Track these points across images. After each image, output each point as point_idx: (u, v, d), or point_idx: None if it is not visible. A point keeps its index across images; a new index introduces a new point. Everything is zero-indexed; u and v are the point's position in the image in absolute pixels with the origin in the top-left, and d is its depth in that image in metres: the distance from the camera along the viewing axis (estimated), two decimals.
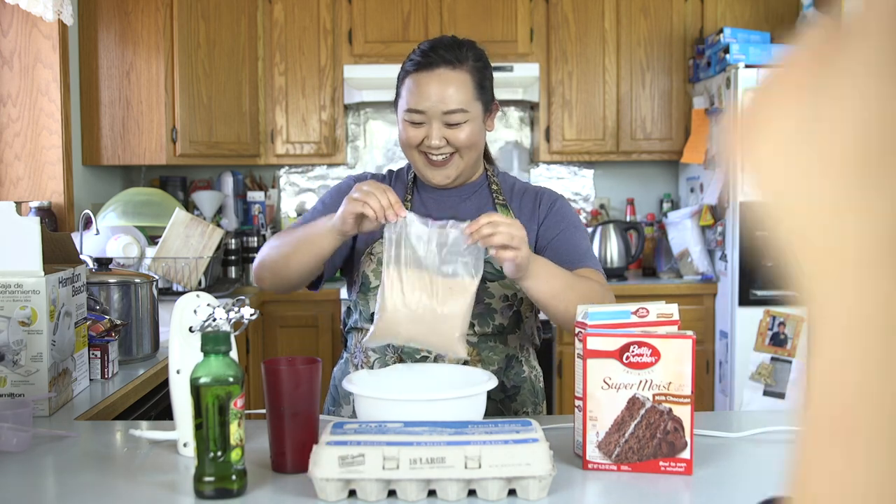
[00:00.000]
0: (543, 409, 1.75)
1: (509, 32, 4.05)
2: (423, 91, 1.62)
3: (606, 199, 4.50)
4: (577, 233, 1.70)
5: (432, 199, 1.74)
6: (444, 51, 1.63)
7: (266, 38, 4.02)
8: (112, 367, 1.97)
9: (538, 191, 1.76)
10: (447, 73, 1.62)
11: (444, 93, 1.61)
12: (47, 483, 1.24)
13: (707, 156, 3.96)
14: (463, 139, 1.63)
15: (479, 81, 1.66)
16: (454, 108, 1.61)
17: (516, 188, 1.77)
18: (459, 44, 1.66)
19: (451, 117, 1.62)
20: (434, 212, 1.71)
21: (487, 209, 1.71)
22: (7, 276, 1.57)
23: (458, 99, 1.61)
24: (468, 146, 1.64)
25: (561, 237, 1.68)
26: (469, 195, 1.74)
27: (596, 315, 1.26)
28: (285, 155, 4.08)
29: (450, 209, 1.72)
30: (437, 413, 1.28)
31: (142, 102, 3.60)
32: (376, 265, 1.66)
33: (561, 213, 1.71)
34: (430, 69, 1.62)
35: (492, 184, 1.76)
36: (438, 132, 1.62)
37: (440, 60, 1.62)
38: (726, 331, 3.77)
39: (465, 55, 1.64)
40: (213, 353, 1.14)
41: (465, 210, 1.71)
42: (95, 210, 3.20)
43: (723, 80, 3.73)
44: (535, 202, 1.73)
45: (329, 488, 1.09)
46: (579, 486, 1.18)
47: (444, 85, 1.61)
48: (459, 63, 1.63)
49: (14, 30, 3.23)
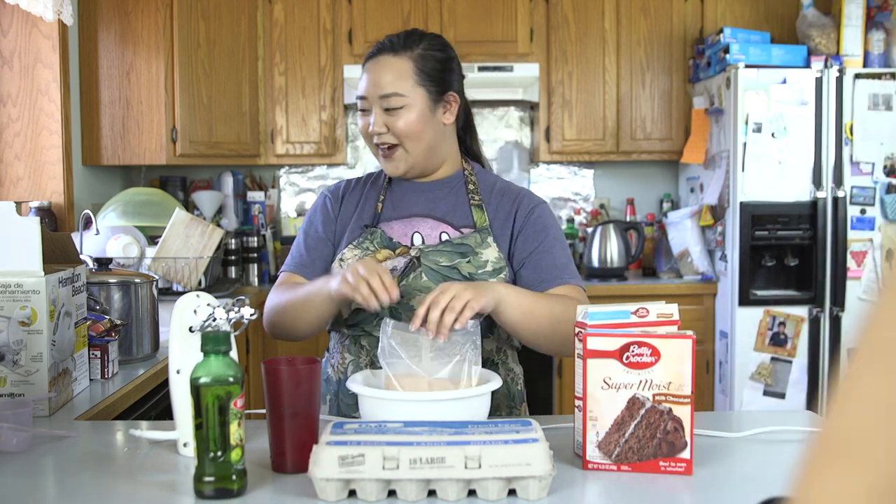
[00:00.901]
0: (522, 410, 1.72)
1: (509, 32, 4.04)
2: (366, 77, 1.65)
3: (606, 199, 4.50)
4: (556, 245, 1.66)
5: (406, 196, 1.72)
6: (394, 39, 1.65)
7: (266, 38, 4.02)
8: (112, 367, 1.97)
9: (518, 193, 1.72)
10: (387, 59, 1.63)
11: (382, 77, 1.62)
12: (47, 483, 1.24)
13: (707, 156, 3.97)
14: (401, 126, 1.62)
15: (424, 69, 1.63)
16: (388, 93, 1.61)
17: (497, 188, 1.73)
18: (413, 34, 1.67)
19: (388, 101, 1.62)
20: (407, 209, 1.70)
21: (462, 208, 1.69)
22: (7, 276, 1.57)
23: (394, 84, 1.61)
24: (407, 135, 1.63)
25: (540, 251, 1.65)
26: (444, 194, 1.71)
27: (596, 315, 1.26)
28: (285, 155, 4.08)
29: (423, 207, 1.70)
30: (439, 413, 1.28)
31: (142, 102, 3.60)
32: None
33: (540, 222, 1.68)
34: (375, 57, 1.65)
35: (469, 182, 1.73)
36: (378, 117, 1.63)
37: (385, 48, 1.64)
38: (726, 331, 3.77)
39: (414, 43, 1.64)
40: (213, 353, 1.14)
41: (439, 209, 1.69)
42: (95, 210, 3.20)
43: (723, 80, 3.73)
44: (514, 205, 1.69)
45: (329, 488, 1.09)
46: (579, 486, 1.18)
47: (383, 69, 1.63)
48: (403, 49, 1.64)
49: (14, 30, 3.23)
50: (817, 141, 3.64)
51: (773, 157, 3.64)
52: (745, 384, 3.68)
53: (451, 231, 1.66)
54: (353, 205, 1.74)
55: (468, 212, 1.69)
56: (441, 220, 1.68)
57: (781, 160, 3.64)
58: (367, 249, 1.65)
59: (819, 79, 3.64)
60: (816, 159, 3.65)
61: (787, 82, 3.63)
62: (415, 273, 1.61)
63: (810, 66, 3.67)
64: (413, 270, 1.61)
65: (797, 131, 3.63)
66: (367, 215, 1.71)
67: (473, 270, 1.61)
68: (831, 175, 3.65)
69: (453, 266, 1.61)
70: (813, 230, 3.67)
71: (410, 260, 1.62)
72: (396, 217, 1.70)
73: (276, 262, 4.11)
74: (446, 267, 1.61)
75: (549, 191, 4.50)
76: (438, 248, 1.63)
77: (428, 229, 1.67)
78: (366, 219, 1.71)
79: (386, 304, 1.44)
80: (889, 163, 3.67)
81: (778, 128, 3.63)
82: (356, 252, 1.65)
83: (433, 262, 1.61)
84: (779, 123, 3.62)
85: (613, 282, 3.95)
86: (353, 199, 1.75)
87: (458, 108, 1.71)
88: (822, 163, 3.65)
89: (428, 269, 1.61)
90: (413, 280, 1.60)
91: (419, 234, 1.67)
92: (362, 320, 1.63)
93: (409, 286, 1.60)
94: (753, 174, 3.64)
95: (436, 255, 1.62)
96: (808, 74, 3.64)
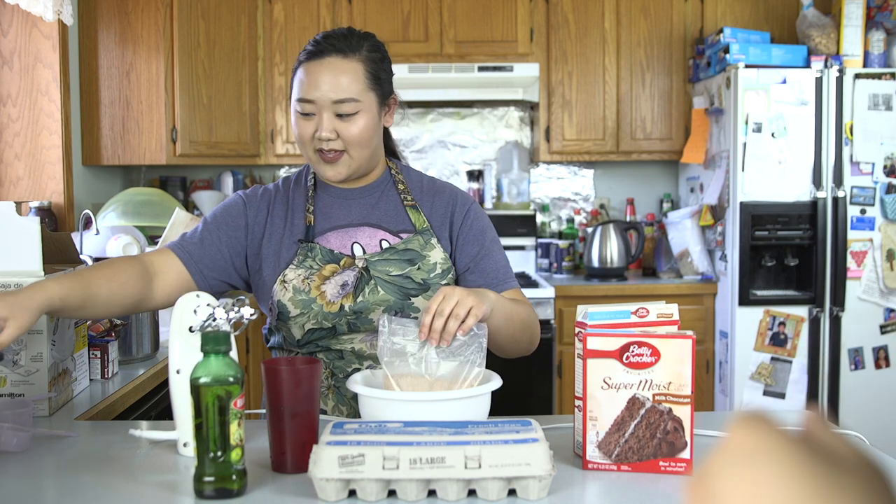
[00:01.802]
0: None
1: (509, 32, 4.05)
2: (313, 80, 1.55)
3: (606, 199, 4.50)
4: (494, 248, 1.67)
5: (338, 203, 1.67)
6: (335, 40, 1.57)
7: (266, 38, 4.02)
8: (112, 367, 1.97)
9: (451, 192, 1.70)
10: (338, 62, 1.56)
11: (334, 81, 1.55)
12: (47, 483, 1.24)
13: (707, 156, 3.97)
14: (355, 133, 1.57)
15: (373, 72, 1.59)
16: (344, 98, 1.55)
17: (425, 185, 1.71)
18: (353, 34, 1.60)
19: (341, 107, 1.55)
20: (341, 219, 1.65)
21: (397, 211, 1.66)
22: (7, 276, 1.57)
23: (348, 88, 1.55)
24: (359, 142, 1.58)
25: (482, 255, 1.65)
26: (376, 199, 1.67)
27: (596, 315, 1.26)
28: (285, 155, 4.08)
29: (357, 215, 1.66)
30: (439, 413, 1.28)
31: (142, 102, 3.60)
32: (293, 293, 1.58)
33: (478, 225, 1.67)
34: (320, 57, 1.56)
35: (398, 182, 1.69)
36: (329, 123, 1.56)
37: (331, 49, 1.56)
38: (726, 331, 3.77)
39: (359, 45, 1.58)
40: (213, 353, 1.14)
41: (374, 216, 1.65)
42: (95, 210, 3.20)
43: (723, 80, 3.73)
44: (448, 205, 1.67)
45: (329, 488, 1.09)
46: (579, 486, 1.18)
47: (334, 73, 1.55)
48: (351, 52, 1.57)
49: (14, 30, 3.23)
50: (817, 141, 3.64)
51: (773, 157, 3.64)
52: (745, 384, 3.68)
53: (389, 238, 1.63)
54: (281, 217, 1.66)
55: (404, 214, 1.66)
56: (378, 226, 1.64)
57: (781, 160, 3.64)
58: (311, 268, 1.59)
59: (819, 79, 3.64)
60: (816, 159, 3.65)
61: (787, 82, 3.63)
62: (369, 287, 1.57)
63: (810, 66, 3.68)
64: (366, 283, 1.57)
65: (797, 131, 3.63)
66: (297, 229, 1.64)
67: (426, 276, 1.59)
68: (831, 175, 3.65)
69: (405, 275, 1.59)
70: (813, 230, 3.67)
71: (359, 272, 1.58)
72: (330, 228, 1.64)
73: None
74: (398, 276, 1.58)
75: (549, 191, 4.50)
76: (384, 256, 1.60)
77: (366, 238, 1.63)
78: (297, 233, 1.64)
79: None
80: (889, 163, 3.67)
81: (778, 128, 3.63)
82: (300, 272, 1.59)
83: (383, 273, 1.58)
84: (779, 123, 3.63)
85: (613, 282, 3.95)
86: (280, 211, 1.67)
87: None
88: (822, 163, 3.65)
89: (381, 280, 1.58)
90: (370, 294, 1.57)
91: (359, 245, 1.62)
92: (318, 338, 1.60)
93: (367, 301, 1.56)
94: (753, 174, 3.64)
95: (383, 264, 1.59)
96: (808, 74, 3.64)
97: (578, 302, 3.67)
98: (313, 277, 1.58)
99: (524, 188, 4.46)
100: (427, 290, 1.59)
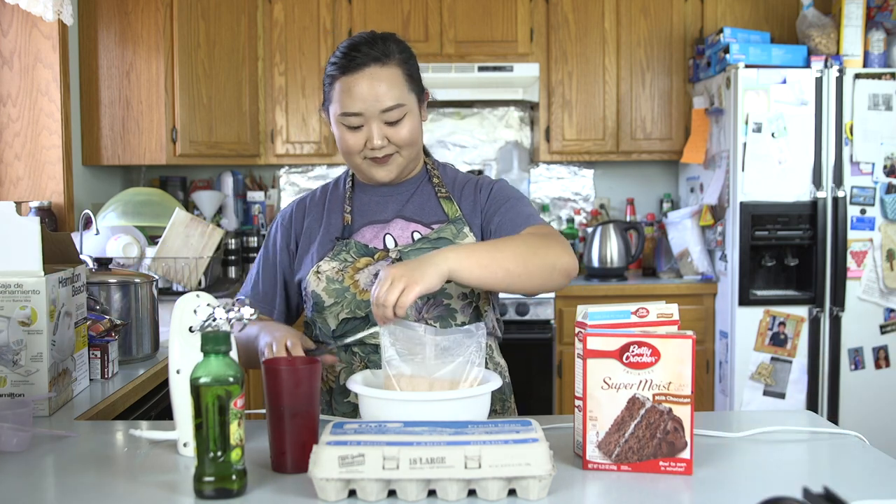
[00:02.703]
0: (512, 403, 1.72)
1: (509, 32, 4.05)
2: (356, 92, 1.57)
3: (606, 199, 4.50)
4: (518, 203, 1.67)
5: (374, 201, 1.71)
6: (367, 47, 1.58)
7: (266, 38, 4.03)
8: (112, 367, 1.97)
9: (477, 181, 1.74)
10: (377, 71, 1.57)
11: (378, 90, 1.57)
12: (47, 483, 1.24)
13: (707, 156, 3.97)
14: (405, 135, 1.60)
15: (409, 73, 1.61)
16: (391, 105, 1.57)
17: (458, 180, 1.74)
18: (379, 38, 1.61)
19: (389, 115, 1.58)
20: (376, 214, 1.69)
21: (431, 204, 1.69)
22: (7, 276, 1.57)
23: (392, 94, 1.57)
24: (409, 142, 1.62)
25: (503, 211, 1.65)
26: (411, 193, 1.71)
27: (596, 315, 1.26)
28: (285, 155, 4.08)
29: (394, 210, 1.69)
30: (439, 413, 1.28)
31: (142, 102, 3.60)
32: (326, 283, 1.63)
33: (500, 192, 1.69)
34: (358, 70, 1.57)
35: (433, 177, 1.73)
36: (379, 132, 1.59)
37: (366, 58, 1.57)
38: (726, 331, 3.77)
39: (390, 48, 1.60)
40: (213, 353, 1.14)
41: (408, 210, 1.69)
42: (95, 210, 3.20)
43: (723, 80, 3.73)
44: (476, 191, 1.71)
45: (329, 488, 1.09)
46: (579, 486, 1.18)
47: (376, 83, 1.57)
48: (386, 58, 1.58)
49: (14, 30, 3.23)
50: (817, 141, 3.64)
51: (773, 157, 3.64)
52: (745, 384, 3.68)
53: (421, 229, 1.66)
54: (318, 220, 1.72)
55: (437, 206, 1.68)
56: (411, 219, 1.67)
57: (781, 160, 3.64)
58: (345, 261, 1.63)
59: (819, 79, 3.64)
60: (816, 159, 3.65)
61: (787, 82, 3.63)
62: None
63: (810, 66, 3.68)
64: None
65: (797, 131, 3.63)
66: (334, 228, 1.69)
67: None
68: (831, 175, 3.65)
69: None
70: (813, 230, 3.67)
71: (392, 263, 1.60)
72: (365, 224, 1.68)
73: None
74: None
75: (549, 191, 4.50)
76: (416, 246, 1.63)
77: (398, 230, 1.66)
78: (334, 232, 1.68)
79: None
80: (889, 163, 3.67)
81: (778, 128, 3.63)
82: (333, 264, 1.64)
83: None
84: (779, 123, 3.63)
85: (613, 282, 3.95)
86: (316, 215, 1.73)
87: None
88: (822, 163, 3.65)
89: None
90: None
91: (390, 237, 1.66)
92: (350, 330, 1.62)
93: None
94: (753, 174, 3.64)
95: (416, 253, 1.60)
96: (808, 74, 3.64)
97: (578, 302, 3.66)
98: (347, 269, 1.63)
99: (524, 188, 4.46)
100: None
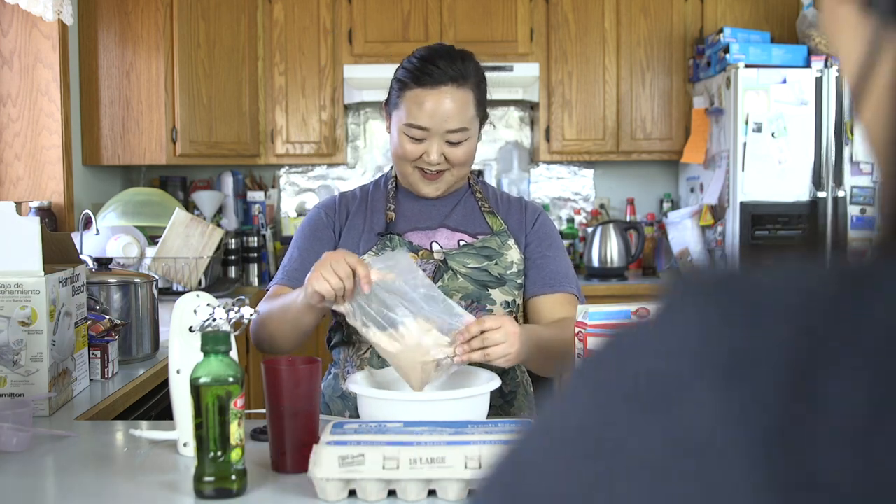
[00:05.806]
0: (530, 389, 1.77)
1: (509, 32, 4.04)
2: (429, 109, 1.58)
3: (606, 199, 4.50)
4: (559, 254, 1.71)
5: (418, 208, 1.71)
6: (446, 65, 1.58)
7: (266, 38, 4.02)
8: (112, 367, 1.97)
9: (521, 201, 1.77)
10: (452, 91, 1.59)
11: (449, 112, 1.58)
12: (47, 483, 1.24)
13: (707, 156, 3.97)
14: (461, 156, 1.62)
15: (480, 99, 1.65)
16: (457, 128, 1.60)
17: (500, 196, 1.77)
18: (458, 56, 1.62)
19: (452, 136, 1.60)
20: (420, 221, 1.70)
21: (475, 216, 1.70)
22: (7, 276, 1.57)
23: (462, 118, 1.60)
24: (463, 163, 1.64)
25: (548, 256, 1.69)
26: (454, 205, 1.72)
27: (596, 315, 1.26)
28: (285, 155, 4.08)
29: (436, 220, 1.70)
30: (439, 413, 1.28)
31: (142, 102, 3.60)
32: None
33: (544, 230, 1.72)
34: (436, 86, 1.58)
35: (475, 192, 1.75)
36: (438, 149, 1.60)
37: (445, 77, 1.58)
38: None
39: (469, 70, 1.61)
40: (213, 353, 1.14)
41: (452, 220, 1.70)
42: (95, 210, 3.20)
43: (723, 80, 3.73)
44: (521, 212, 1.73)
45: (329, 488, 1.09)
46: None
47: (449, 104, 1.58)
48: (464, 80, 1.60)
49: (14, 30, 3.23)
50: (817, 141, 3.64)
51: (773, 156, 3.64)
52: None
53: (467, 238, 1.67)
54: (361, 217, 1.71)
55: (482, 219, 1.70)
56: (456, 229, 1.69)
57: (781, 160, 3.64)
58: None
59: (819, 78, 3.64)
60: (816, 159, 3.65)
61: (788, 82, 3.63)
62: (447, 275, 1.61)
63: (810, 65, 3.68)
64: (444, 272, 1.62)
65: (797, 131, 3.63)
66: (378, 226, 1.69)
67: (502, 271, 1.63)
68: (831, 175, 3.65)
69: (482, 268, 1.62)
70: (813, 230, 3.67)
71: (437, 264, 1.62)
72: (411, 228, 1.68)
73: (276, 262, 4.11)
74: (475, 269, 1.62)
75: (549, 191, 4.50)
76: (462, 251, 1.64)
77: (444, 239, 1.67)
78: (378, 229, 1.69)
79: (349, 300, 1.39)
80: None
81: (778, 128, 3.63)
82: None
83: (461, 265, 1.62)
84: (779, 123, 3.63)
85: (613, 282, 3.95)
86: (360, 211, 1.72)
87: None
88: (822, 163, 3.65)
89: (459, 271, 1.62)
90: (449, 281, 1.61)
91: (437, 244, 1.67)
92: None
93: (446, 287, 1.60)
94: (753, 174, 3.64)
95: (461, 257, 1.63)
96: (808, 74, 3.64)
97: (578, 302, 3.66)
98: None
99: (524, 188, 4.46)
100: (504, 285, 1.63)
